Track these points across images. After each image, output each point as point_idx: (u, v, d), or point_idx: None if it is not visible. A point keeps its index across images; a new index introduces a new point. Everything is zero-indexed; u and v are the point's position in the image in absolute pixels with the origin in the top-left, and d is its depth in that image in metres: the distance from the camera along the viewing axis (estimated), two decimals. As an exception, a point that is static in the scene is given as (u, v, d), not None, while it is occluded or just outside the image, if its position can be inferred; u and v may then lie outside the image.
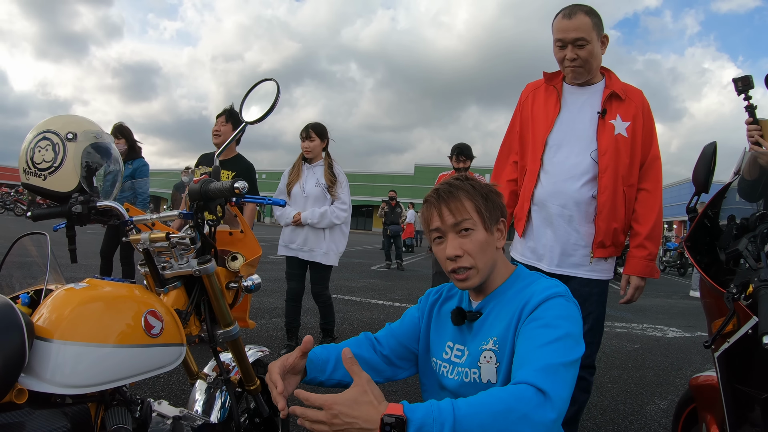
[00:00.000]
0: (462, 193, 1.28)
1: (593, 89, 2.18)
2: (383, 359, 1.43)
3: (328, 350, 1.38)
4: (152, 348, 1.20)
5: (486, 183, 1.34)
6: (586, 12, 2.04)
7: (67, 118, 1.37)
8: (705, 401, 1.84)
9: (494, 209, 1.29)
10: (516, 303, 1.22)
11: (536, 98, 2.31)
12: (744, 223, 1.73)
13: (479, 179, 1.49)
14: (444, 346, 1.36)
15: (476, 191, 1.29)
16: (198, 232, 1.35)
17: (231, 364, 1.69)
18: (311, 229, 3.93)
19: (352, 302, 6.79)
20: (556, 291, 1.19)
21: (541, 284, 1.24)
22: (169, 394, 3.01)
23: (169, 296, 1.36)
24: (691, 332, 6.11)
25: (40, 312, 1.11)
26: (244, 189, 1.27)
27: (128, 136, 4.76)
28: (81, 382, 1.08)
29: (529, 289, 1.24)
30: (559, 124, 2.19)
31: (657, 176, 2.16)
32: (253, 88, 1.57)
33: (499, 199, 1.32)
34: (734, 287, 1.43)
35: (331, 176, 3.96)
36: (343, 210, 3.97)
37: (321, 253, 3.94)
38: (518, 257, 2.33)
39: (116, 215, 1.34)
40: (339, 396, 0.93)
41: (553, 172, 2.19)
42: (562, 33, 2.07)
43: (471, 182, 1.30)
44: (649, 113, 2.18)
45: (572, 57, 2.07)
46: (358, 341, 1.45)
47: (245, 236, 1.56)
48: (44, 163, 1.28)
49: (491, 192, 1.31)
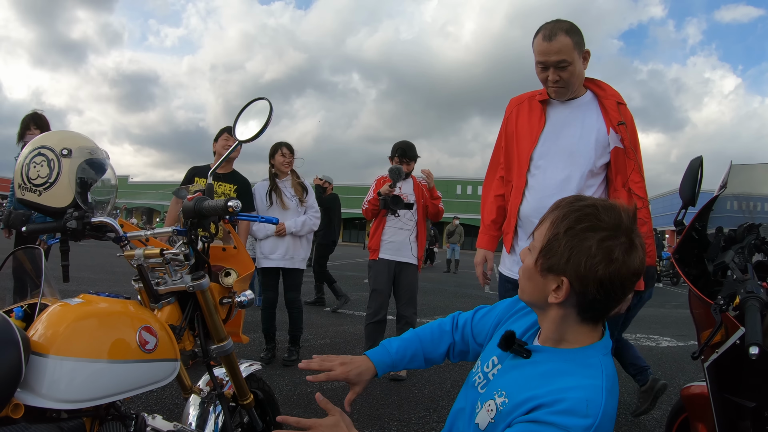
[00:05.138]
0: (553, 216, 1.07)
1: (577, 103, 2.18)
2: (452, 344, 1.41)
3: (405, 347, 1.36)
4: (147, 363, 1.21)
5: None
6: (566, 31, 2.00)
7: (62, 135, 1.38)
8: (696, 411, 1.85)
9: (556, 259, 1.03)
10: (545, 387, 1.01)
11: (520, 113, 2.30)
12: (731, 234, 1.76)
13: None
14: (490, 358, 1.23)
15: (558, 226, 1.04)
16: (192, 249, 1.36)
17: (225, 379, 1.69)
18: (292, 238, 4.19)
19: (345, 315, 6.77)
20: (574, 425, 0.94)
21: (579, 387, 0.99)
22: (162, 408, 3.00)
23: (163, 312, 1.38)
24: (684, 341, 6.14)
25: (35, 327, 1.12)
26: (237, 208, 1.29)
27: (44, 127, 4.37)
28: (76, 397, 1.09)
29: (568, 381, 1.01)
30: (544, 139, 2.18)
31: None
32: (246, 107, 1.60)
33: (577, 263, 1.01)
34: (721, 298, 1.45)
35: (302, 188, 4.28)
36: (317, 217, 4.33)
37: (299, 259, 4.24)
38: (506, 272, 2.32)
39: (110, 231, 1.35)
40: (323, 420, 1.08)
41: (538, 188, 2.18)
42: (543, 56, 2.03)
43: (573, 216, 1.04)
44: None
45: (555, 79, 2.05)
46: (435, 334, 1.41)
47: (238, 252, 1.58)
48: (39, 178, 1.29)
49: (569, 243, 1.02)
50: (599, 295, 1.01)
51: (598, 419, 0.95)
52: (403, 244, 4.04)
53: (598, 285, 1.00)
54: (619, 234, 1.00)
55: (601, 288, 1.00)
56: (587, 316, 1.07)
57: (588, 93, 2.20)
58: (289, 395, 3.39)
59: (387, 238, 4.04)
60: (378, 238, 4.05)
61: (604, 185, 2.21)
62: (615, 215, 1.01)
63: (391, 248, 4.05)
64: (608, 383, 1.02)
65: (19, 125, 4.33)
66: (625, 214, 1.02)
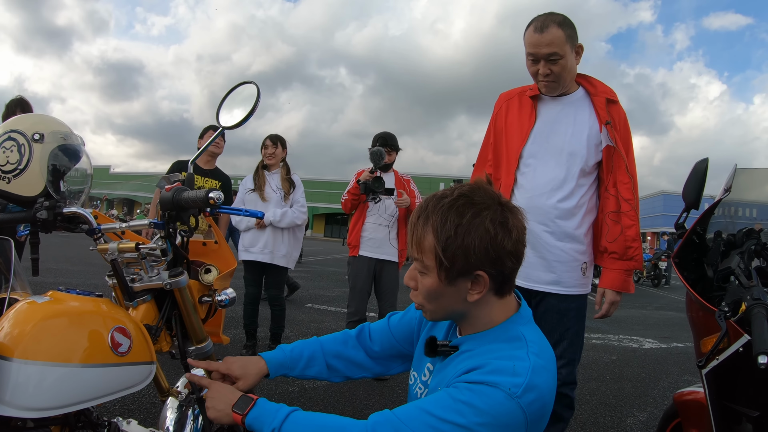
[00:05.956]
0: (429, 226, 1.04)
1: (569, 99, 2.13)
2: (372, 355, 1.38)
3: (302, 348, 1.35)
4: (120, 367, 1.12)
5: (474, 218, 1.01)
6: (558, 24, 1.94)
7: (35, 118, 1.29)
8: (690, 417, 1.83)
9: (461, 260, 1.01)
10: (479, 358, 1.04)
11: (510, 109, 2.24)
12: (731, 239, 1.72)
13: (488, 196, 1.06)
14: (424, 367, 1.25)
15: (443, 232, 1.01)
16: (169, 243, 1.28)
17: (204, 381, 1.61)
18: (273, 231, 4.07)
19: (327, 312, 6.70)
20: (503, 381, 0.96)
21: (505, 357, 1.02)
22: (139, 409, 2.89)
23: (138, 310, 1.29)
24: (667, 343, 6.17)
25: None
26: (219, 200, 1.20)
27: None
28: (43, 405, 1.00)
29: (494, 354, 1.04)
30: (534, 136, 2.13)
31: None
32: (232, 91, 1.50)
33: (483, 250, 1.01)
34: (725, 305, 1.41)
35: (289, 184, 4.17)
36: (302, 212, 4.16)
37: (280, 255, 4.08)
38: None
39: (83, 222, 1.25)
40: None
41: (528, 187, 2.13)
42: (534, 48, 1.98)
43: (451, 212, 1.02)
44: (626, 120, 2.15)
45: (545, 72, 2.00)
46: (338, 339, 1.40)
47: (219, 247, 1.49)
48: (8, 165, 1.19)
49: (465, 239, 1.00)
50: (514, 264, 1.06)
51: (527, 378, 0.97)
52: (383, 241, 3.94)
53: (510, 257, 1.04)
54: (496, 204, 1.04)
55: (513, 257, 1.04)
56: (505, 288, 1.10)
57: (580, 89, 2.15)
58: (271, 394, 3.30)
59: (367, 234, 3.93)
60: (357, 233, 3.94)
61: (595, 185, 2.16)
62: (482, 192, 1.05)
63: (371, 245, 3.94)
64: (534, 348, 1.05)
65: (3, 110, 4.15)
66: (485, 186, 1.08)
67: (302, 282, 8.58)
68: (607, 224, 2.09)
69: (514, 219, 1.05)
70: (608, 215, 2.09)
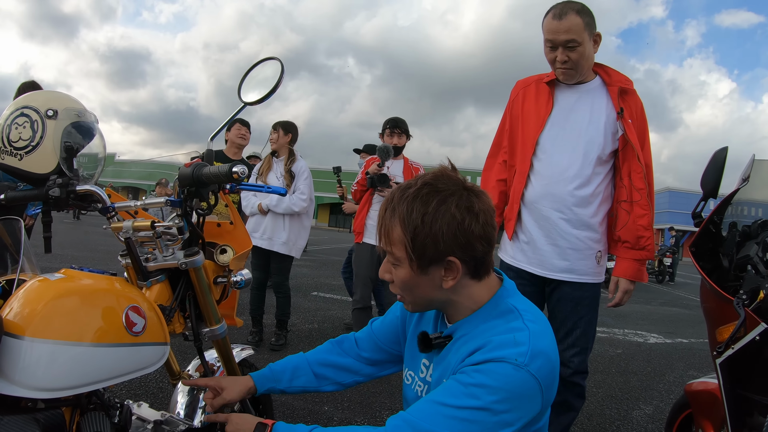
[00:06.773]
0: (396, 218, 1.04)
1: (586, 87, 2.11)
2: (363, 361, 1.38)
3: (286, 361, 1.37)
4: (134, 347, 1.10)
5: (438, 208, 1.02)
6: (577, 11, 1.94)
7: (48, 94, 1.27)
8: (702, 407, 1.82)
9: (431, 249, 1.02)
10: (478, 340, 1.03)
11: (527, 96, 2.23)
12: (746, 230, 1.70)
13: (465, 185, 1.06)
14: (420, 363, 1.23)
15: (410, 222, 1.02)
16: (186, 222, 1.26)
17: (216, 364, 1.60)
18: (272, 217, 4.11)
19: (333, 300, 6.70)
20: (508, 354, 0.97)
21: (503, 332, 1.02)
22: (146, 393, 2.90)
23: (152, 290, 1.27)
24: (672, 339, 6.15)
25: (10, 305, 0.99)
26: (243, 173, 1.16)
27: None
28: (54, 385, 0.97)
29: (492, 332, 1.04)
30: (551, 123, 2.12)
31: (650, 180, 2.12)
32: (254, 67, 1.48)
33: (452, 236, 1.01)
34: (744, 293, 1.40)
35: (290, 173, 4.18)
36: (302, 199, 4.12)
37: (280, 242, 4.10)
38: (507, 259, 2.26)
39: (97, 200, 1.24)
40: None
41: (545, 174, 2.12)
42: (553, 34, 1.98)
43: (416, 202, 1.02)
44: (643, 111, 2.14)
45: (563, 59, 1.99)
46: (321, 348, 1.41)
47: (235, 228, 1.47)
48: (21, 141, 1.18)
49: (433, 227, 1.01)
50: (485, 247, 1.05)
51: (530, 345, 0.98)
52: None
53: (480, 240, 1.03)
54: (461, 189, 1.03)
55: (484, 240, 1.04)
56: (480, 271, 1.09)
57: (597, 78, 2.13)
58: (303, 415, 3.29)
59: (372, 222, 3.92)
60: (362, 220, 3.93)
61: (611, 174, 2.14)
62: (445, 179, 1.05)
63: (375, 232, 3.91)
64: (528, 315, 1.06)
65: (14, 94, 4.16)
66: (449, 173, 1.07)
67: (308, 270, 8.57)
68: (620, 213, 2.08)
69: (480, 203, 1.04)
70: (621, 204, 2.08)
